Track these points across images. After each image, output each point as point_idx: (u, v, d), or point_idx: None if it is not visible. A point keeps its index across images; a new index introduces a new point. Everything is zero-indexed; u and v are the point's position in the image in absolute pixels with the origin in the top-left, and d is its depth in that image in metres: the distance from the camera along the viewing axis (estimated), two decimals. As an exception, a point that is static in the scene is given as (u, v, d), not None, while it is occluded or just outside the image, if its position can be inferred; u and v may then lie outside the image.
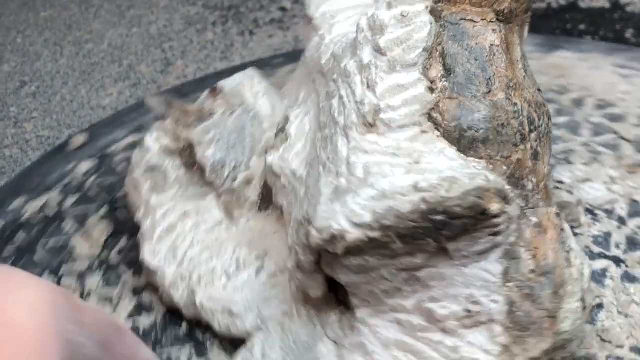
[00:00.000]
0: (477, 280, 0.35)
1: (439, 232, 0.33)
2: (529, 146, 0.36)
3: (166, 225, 0.46)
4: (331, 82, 0.40)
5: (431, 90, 0.36)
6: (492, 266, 0.35)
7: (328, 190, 0.36)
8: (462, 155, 0.35)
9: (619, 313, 0.43)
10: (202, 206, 0.47)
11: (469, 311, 0.35)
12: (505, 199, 0.34)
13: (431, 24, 0.37)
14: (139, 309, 0.47)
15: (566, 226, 0.37)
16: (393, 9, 0.37)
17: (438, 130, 0.36)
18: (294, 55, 0.59)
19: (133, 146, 0.61)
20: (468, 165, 0.34)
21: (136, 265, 0.50)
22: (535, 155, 0.37)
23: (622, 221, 0.50)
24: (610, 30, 0.77)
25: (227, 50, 0.83)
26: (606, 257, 0.47)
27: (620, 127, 0.59)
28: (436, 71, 0.36)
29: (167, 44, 0.85)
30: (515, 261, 0.35)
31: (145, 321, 0.46)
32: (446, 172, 0.33)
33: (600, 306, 0.43)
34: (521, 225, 0.35)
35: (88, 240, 0.52)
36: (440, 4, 0.37)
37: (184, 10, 0.92)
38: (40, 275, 0.50)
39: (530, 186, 0.36)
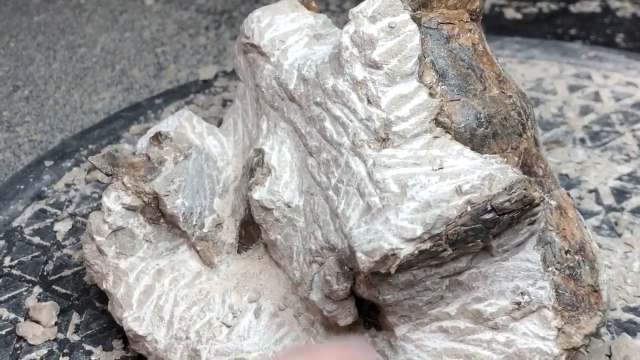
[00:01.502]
0: (519, 271, 0.35)
1: (488, 230, 0.33)
2: (530, 134, 0.38)
3: (143, 288, 0.42)
4: (312, 105, 0.39)
5: (432, 95, 0.36)
6: (531, 255, 0.35)
7: (356, 212, 0.35)
8: (477, 153, 0.36)
9: None
10: (176, 260, 0.44)
11: (517, 303, 0.35)
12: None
13: (417, 31, 0.37)
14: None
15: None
16: (378, 22, 0.37)
17: (449, 133, 0.36)
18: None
19: (39, 215, 0.56)
20: (489, 161, 0.35)
21: (102, 339, 0.46)
22: (536, 142, 0.38)
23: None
24: (601, 35, 0.79)
25: (220, 54, 0.82)
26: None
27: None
28: (430, 77, 0.37)
29: (160, 48, 0.84)
30: (549, 245, 0.36)
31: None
32: (479, 171, 0.33)
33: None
34: (546, 211, 0.36)
35: (38, 325, 0.47)
36: (418, 12, 0.38)
37: (176, 15, 0.92)
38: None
39: (540, 172, 0.37)
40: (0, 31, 0.90)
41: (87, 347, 0.45)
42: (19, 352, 0.45)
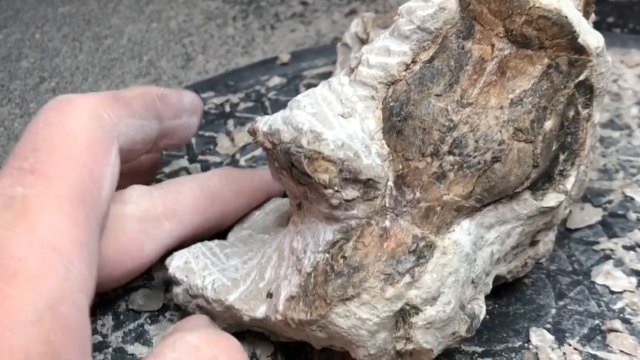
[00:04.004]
0: (316, 235, 0.37)
1: (290, 170, 0.36)
2: (436, 164, 0.35)
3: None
4: None
5: (406, 66, 0.37)
6: (329, 233, 0.37)
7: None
8: (378, 134, 0.36)
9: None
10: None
11: (298, 256, 0.38)
12: (364, 184, 0.35)
13: (442, 9, 0.36)
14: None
15: (442, 259, 0.35)
16: None
17: (382, 103, 0.37)
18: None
19: (324, 76, 0.66)
20: (365, 142, 0.36)
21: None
22: (439, 178, 0.35)
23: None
24: (639, 23, 0.77)
25: (249, 45, 0.79)
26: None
27: None
28: (426, 54, 0.37)
29: (187, 39, 0.83)
30: (343, 242, 0.36)
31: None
32: (329, 133, 0.35)
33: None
34: (371, 220, 0.36)
35: (231, 142, 0.59)
36: (471, -4, 0.36)
37: (203, 5, 0.90)
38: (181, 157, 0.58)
39: (409, 197, 0.35)
40: (25, 23, 0.87)
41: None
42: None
